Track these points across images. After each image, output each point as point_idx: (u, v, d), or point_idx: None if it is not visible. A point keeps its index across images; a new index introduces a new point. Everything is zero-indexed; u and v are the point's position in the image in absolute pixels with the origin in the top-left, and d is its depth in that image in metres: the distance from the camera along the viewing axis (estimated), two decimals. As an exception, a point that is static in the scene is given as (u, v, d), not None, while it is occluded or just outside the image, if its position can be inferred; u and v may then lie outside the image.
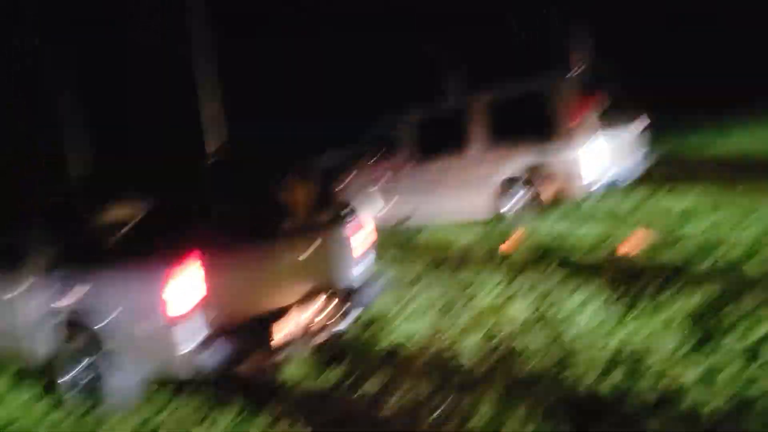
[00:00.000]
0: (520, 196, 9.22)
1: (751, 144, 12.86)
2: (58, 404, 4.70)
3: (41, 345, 4.77)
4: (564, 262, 6.42)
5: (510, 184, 9.28)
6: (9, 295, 4.95)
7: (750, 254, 5.44)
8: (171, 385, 4.73)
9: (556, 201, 8.86)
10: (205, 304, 4.09)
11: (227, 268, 4.35)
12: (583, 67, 9.25)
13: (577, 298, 5.17)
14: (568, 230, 7.51)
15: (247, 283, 4.44)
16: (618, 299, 4.97)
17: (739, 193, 7.90)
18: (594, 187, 8.61)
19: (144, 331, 4.11)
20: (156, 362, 4.23)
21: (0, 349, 5.30)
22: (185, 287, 4.01)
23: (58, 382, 4.67)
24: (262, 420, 3.94)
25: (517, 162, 9.16)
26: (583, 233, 7.27)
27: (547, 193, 8.88)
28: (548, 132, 8.86)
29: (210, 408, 4.25)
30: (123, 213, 4.51)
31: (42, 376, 5.24)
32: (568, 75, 9.08)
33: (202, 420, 4.10)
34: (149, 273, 4.10)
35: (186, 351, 3.99)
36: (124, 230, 4.37)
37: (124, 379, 4.40)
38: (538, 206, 8.95)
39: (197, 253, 4.13)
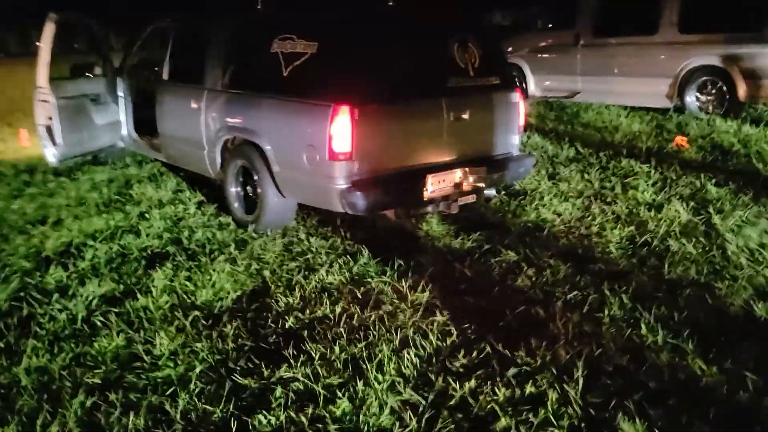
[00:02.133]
0: (709, 89, 8.27)
1: None
2: (220, 213, 5.18)
3: (216, 155, 5.17)
4: (743, 170, 5.80)
5: (700, 74, 8.32)
6: (195, 105, 5.33)
7: None
8: (318, 216, 5.02)
9: (752, 101, 7.85)
10: (364, 147, 4.16)
11: (389, 116, 4.34)
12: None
13: (750, 210, 4.69)
14: (759, 135, 6.69)
15: (405, 134, 4.42)
16: (798, 220, 4.45)
17: None
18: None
19: (307, 161, 4.29)
20: (312, 192, 4.45)
21: (181, 155, 5.82)
22: (348, 127, 4.08)
23: (227, 193, 5.09)
24: (392, 267, 4.07)
25: (712, 50, 8.11)
26: (775, 141, 6.46)
27: (742, 90, 7.88)
28: (760, 21, 7.68)
29: (347, 247, 4.47)
30: (295, 46, 4.56)
31: (210, 185, 5.76)
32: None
33: (337, 255, 4.33)
34: (318, 108, 4.18)
35: (342, 187, 4.14)
36: (298, 62, 4.45)
37: (282, 201, 4.71)
38: (729, 102, 8.00)
39: (363, 96, 4.16)
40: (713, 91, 8.20)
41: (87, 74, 6.62)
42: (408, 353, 3.06)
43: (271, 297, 3.73)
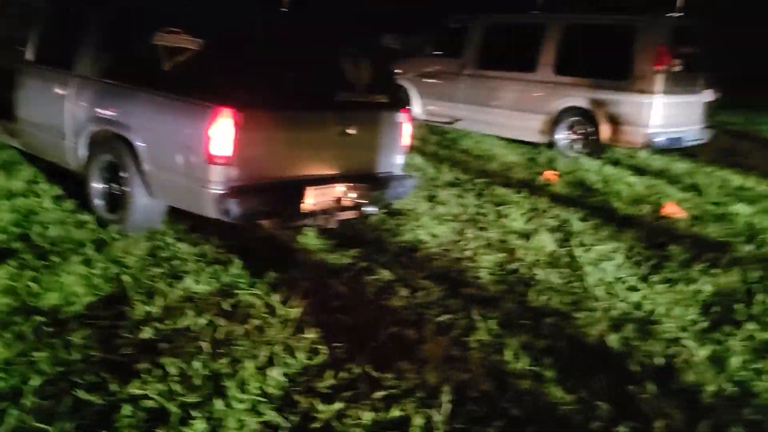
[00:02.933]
0: (577, 129, 8.81)
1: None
2: (80, 209, 4.75)
3: (80, 147, 4.74)
4: (603, 207, 6.18)
5: (570, 114, 8.84)
6: (61, 91, 4.87)
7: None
8: (189, 221, 4.73)
9: (612, 144, 8.45)
10: (244, 153, 3.97)
11: (272, 124, 4.19)
12: (678, 16, 8.54)
13: (608, 245, 4.98)
14: (617, 176, 7.18)
15: (288, 144, 4.29)
16: (648, 258, 4.77)
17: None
18: (656, 140, 8.16)
19: (182, 162, 4.03)
20: (185, 195, 4.18)
21: (39, 143, 5.30)
22: (229, 131, 3.88)
23: (90, 189, 4.68)
24: (264, 279, 3.89)
25: (583, 94, 8.66)
26: (632, 183, 6.95)
27: (605, 133, 8.46)
28: (626, 71, 8.31)
29: (219, 255, 4.24)
30: (179, 42, 4.31)
31: (73, 178, 5.28)
32: (664, 19, 8.41)
33: (207, 263, 4.09)
34: (198, 108, 3.95)
35: (217, 192, 3.91)
36: (182, 58, 4.18)
37: (150, 202, 4.39)
38: (593, 143, 8.56)
39: (247, 100, 3.98)
40: (581, 132, 8.73)
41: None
42: (273, 371, 2.91)
43: (129, 304, 3.43)
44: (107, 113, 4.52)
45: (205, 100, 3.95)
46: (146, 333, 3.15)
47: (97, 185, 4.64)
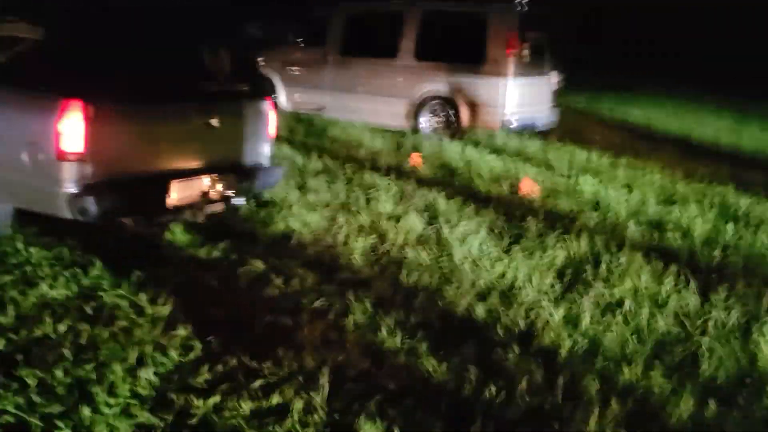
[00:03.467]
0: (439, 114, 9.13)
1: (654, 117, 13.43)
2: None
3: None
4: (466, 187, 6.48)
5: (432, 99, 9.15)
6: None
7: (630, 215, 5.70)
8: (39, 225, 4.41)
9: (472, 126, 8.86)
10: (99, 147, 3.75)
11: (128, 116, 3.99)
12: (525, 4, 9.09)
13: (472, 223, 5.24)
14: (477, 157, 7.55)
15: (148, 137, 4.10)
16: (508, 231, 5.08)
17: (633, 159, 8.22)
18: (511, 123, 8.66)
19: (28, 160, 3.73)
20: (34, 196, 3.88)
21: None
22: (80, 125, 3.65)
23: None
24: (129, 279, 3.73)
25: (443, 79, 9.00)
26: (490, 164, 7.34)
27: (465, 117, 8.85)
28: (480, 57, 8.73)
29: (77, 258, 4.00)
30: (21, 29, 3.99)
31: None
32: (513, 6, 8.90)
33: (63, 266, 3.84)
34: (44, 101, 3.68)
35: (71, 191, 3.67)
36: (22, 48, 3.87)
37: (-6, 207, 4.04)
38: (453, 127, 8.92)
39: (97, 92, 3.76)
40: (443, 116, 9.07)
41: None
42: (144, 372, 2.80)
43: (-24, 317, 3.15)
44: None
45: (51, 93, 3.68)
46: (-1, 345, 2.91)
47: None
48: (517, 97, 8.70)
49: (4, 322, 3.12)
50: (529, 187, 6.41)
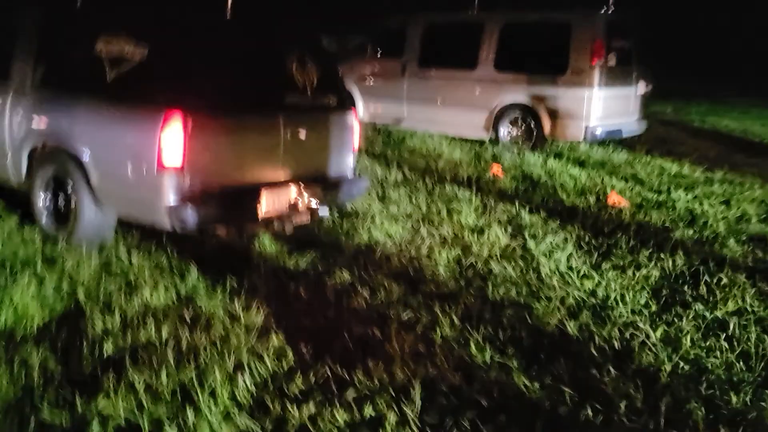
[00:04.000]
0: (519, 125, 9.03)
1: (747, 124, 12.80)
2: (25, 226, 4.58)
3: (21, 163, 4.58)
4: (550, 199, 6.37)
5: (512, 110, 9.06)
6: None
7: (730, 232, 5.44)
8: (141, 233, 4.64)
9: (555, 137, 8.71)
10: (196, 159, 3.92)
11: (223, 128, 4.15)
12: (611, 11, 8.88)
13: (559, 236, 5.14)
14: (561, 169, 7.41)
15: (240, 149, 4.25)
16: (598, 246, 4.95)
17: (729, 172, 7.85)
18: (596, 133, 8.46)
19: (131, 172, 3.94)
20: (137, 206, 4.10)
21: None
22: (180, 137, 3.83)
23: (35, 204, 4.52)
24: (223, 287, 3.86)
25: (523, 89, 8.89)
26: (575, 175, 7.19)
27: (547, 127, 8.71)
28: (563, 66, 8.57)
29: (174, 266, 4.17)
30: (123, 48, 4.22)
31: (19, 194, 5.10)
32: (598, 15, 8.71)
33: (163, 274, 4.02)
34: (147, 114, 3.88)
35: (170, 203, 3.84)
36: (126, 65, 4.10)
37: (100, 215, 4.28)
38: (535, 138, 8.80)
39: (196, 105, 3.94)
40: (523, 127, 8.96)
41: None
42: (242, 378, 2.89)
43: (86, 321, 3.34)
44: (48, 126, 4.37)
45: (153, 106, 3.88)
46: (108, 348, 3.08)
47: (42, 201, 4.48)
48: (602, 105, 8.49)
49: (112, 327, 3.29)
50: (617, 200, 6.23)
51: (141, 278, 3.90)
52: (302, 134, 4.52)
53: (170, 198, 3.85)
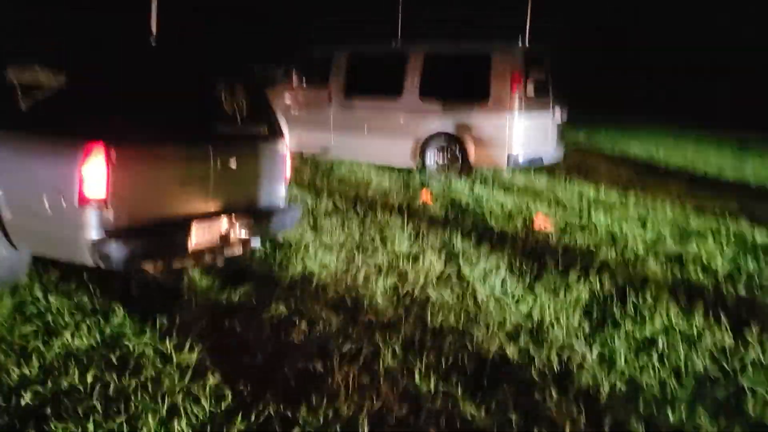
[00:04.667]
0: (445, 152, 9.17)
1: (655, 150, 13.56)
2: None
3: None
4: (480, 225, 6.46)
5: (438, 138, 9.20)
6: None
7: (649, 253, 5.67)
8: (58, 271, 4.35)
9: (480, 164, 8.89)
10: (121, 191, 3.72)
11: (149, 159, 3.98)
12: (526, 42, 9.24)
13: (491, 261, 5.20)
14: (488, 195, 7.56)
15: (168, 180, 4.07)
16: (528, 270, 5.03)
17: (641, 193, 8.25)
18: (518, 161, 8.70)
19: (49, 207, 3.69)
20: (56, 243, 3.83)
21: None
22: (103, 169, 3.62)
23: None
24: (153, 326, 3.66)
25: (448, 118, 9.06)
26: (502, 201, 7.34)
27: (472, 155, 8.89)
28: (485, 96, 8.81)
29: (98, 305, 3.93)
30: (37, 78, 4.00)
31: None
32: (516, 47, 9.02)
33: (85, 314, 3.77)
34: (66, 146, 3.66)
35: (93, 238, 3.62)
36: (42, 94, 3.87)
37: (11, 254, 3.98)
38: (461, 165, 8.95)
39: (120, 135, 3.75)
40: (449, 155, 9.10)
41: None
42: (178, 423, 2.71)
43: (0, 370, 3.06)
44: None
45: (73, 137, 3.66)
46: (26, 398, 2.82)
47: (-55, 239, 4.13)
48: (523, 133, 8.75)
49: (30, 375, 3.03)
50: (543, 223, 6.39)
51: (60, 320, 3.64)
52: (233, 164, 4.39)
53: (93, 233, 3.63)
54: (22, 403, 2.81)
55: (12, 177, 3.86)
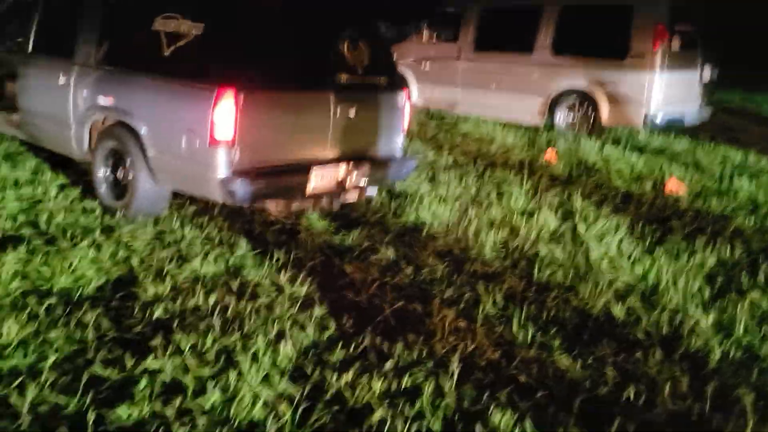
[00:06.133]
0: (576, 110, 8.84)
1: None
2: (85, 197, 4.79)
3: (84, 136, 4.79)
4: (605, 186, 6.22)
5: (569, 95, 8.86)
6: (62, 82, 4.90)
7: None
8: (195, 206, 4.79)
9: (613, 124, 8.48)
10: (247, 134, 4.01)
11: (274, 105, 4.23)
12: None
13: (611, 221, 5.02)
14: (617, 155, 7.22)
15: (291, 126, 4.31)
16: (652, 233, 4.81)
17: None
18: (656, 120, 8.19)
19: (185, 146, 4.06)
20: (190, 179, 4.22)
21: (43, 133, 5.33)
22: (232, 113, 3.92)
23: (95, 176, 4.72)
24: (270, 260, 3.95)
25: (581, 74, 8.68)
26: (632, 162, 6.99)
27: (605, 114, 8.49)
28: (623, 50, 8.32)
29: (225, 238, 4.29)
30: (179, 26, 4.33)
31: (75, 168, 5.34)
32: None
33: (213, 245, 4.14)
34: (201, 90, 3.98)
35: (222, 176, 3.95)
36: (182, 42, 4.22)
37: (155, 188, 4.43)
38: (593, 124, 8.59)
39: (248, 82, 4.01)
40: (580, 113, 8.75)
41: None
42: (284, 345, 2.96)
43: (139, 286, 3.48)
44: (109, 101, 4.55)
45: (206, 82, 3.97)
46: (158, 312, 3.20)
47: (101, 173, 4.67)
48: (664, 91, 8.19)
49: (163, 293, 3.41)
50: (676, 186, 6.03)
51: (192, 249, 4.03)
52: (352, 113, 4.55)
53: (221, 171, 3.95)
54: (155, 316, 3.19)
55: (156, 117, 4.28)
